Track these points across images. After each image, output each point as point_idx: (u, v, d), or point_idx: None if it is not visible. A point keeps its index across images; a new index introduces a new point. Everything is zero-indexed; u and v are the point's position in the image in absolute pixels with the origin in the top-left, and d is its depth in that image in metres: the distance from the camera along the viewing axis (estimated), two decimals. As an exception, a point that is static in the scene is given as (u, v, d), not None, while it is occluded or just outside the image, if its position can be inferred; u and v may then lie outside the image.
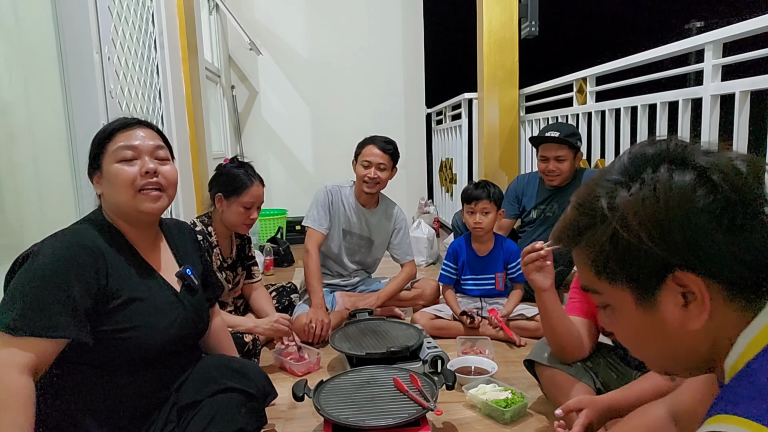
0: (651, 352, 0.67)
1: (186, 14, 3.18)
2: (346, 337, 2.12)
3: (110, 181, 1.23)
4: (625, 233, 0.59)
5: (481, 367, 1.99)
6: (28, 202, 1.89)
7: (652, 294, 0.60)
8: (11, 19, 1.83)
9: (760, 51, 1.83)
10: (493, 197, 2.39)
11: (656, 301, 0.61)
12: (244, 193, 2.12)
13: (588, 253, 0.64)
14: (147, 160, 1.25)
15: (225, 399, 1.26)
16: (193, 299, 1.37)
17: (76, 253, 1.14)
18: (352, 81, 5.24)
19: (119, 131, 1.26)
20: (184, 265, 1.38)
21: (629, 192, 0.60)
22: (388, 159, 2.57)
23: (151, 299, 1.25)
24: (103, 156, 1.25)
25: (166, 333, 1.25)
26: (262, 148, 5.25)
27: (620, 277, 0.62)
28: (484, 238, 2.48)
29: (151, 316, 1.23)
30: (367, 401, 1.56)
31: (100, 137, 1.27)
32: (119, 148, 1.23)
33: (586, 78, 3.11)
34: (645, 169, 0.60)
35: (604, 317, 0.69)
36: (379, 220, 2.74)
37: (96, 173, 1.27)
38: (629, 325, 0.65)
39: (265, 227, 4.52)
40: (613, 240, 0.60)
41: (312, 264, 2.49)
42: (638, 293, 0.62)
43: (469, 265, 2.52)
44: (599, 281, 0.65)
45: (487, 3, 3.76)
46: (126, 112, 2.23)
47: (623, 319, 0.65)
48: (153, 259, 1.33)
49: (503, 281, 2.51)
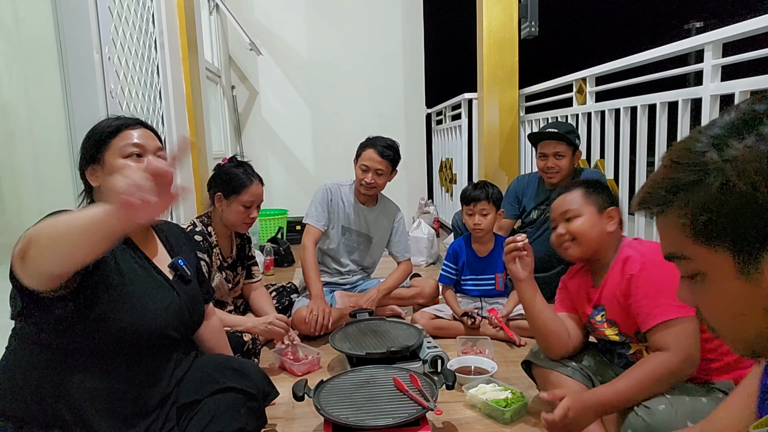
0: (747, 330, 0.59)
1: (186, 14, 3.18)
2: (346, 337, 2.12)
3: (113, 173, 1.23)
4: (742, 183, 0.53)
5: (481, 367, 1.99)
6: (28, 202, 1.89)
7: (756, 259, 0.54)
8: (11, 19, 1.83)
9: (760, 51, 1.83)
10: (491, 198, 2.39)
11: (761, 267, 0.54)
12: (244, 192, 2.12)
13: (686, 212, 0.57)
14: (152, 159, 1.29)
15: (225, 399, 1.26)
16: (187, 288, 1.38)
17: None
18: (352, 81, 5.24)
19: (125, 128, 1.29)
20: (176, 257, 1.40)
21: (743, 144, 0.54)
22: (387, 165, 2.55)
23: (144, 282, 1.27)
24: (106, 150, 1.27)
25: (160, 317, 1.26)
26: (262, 148, 5.25)
27: (723, 238, 0.55)
28: (484, 239, 2.48)
29: (143, 298, 1.24)
30: (367, 401, 1.56)
31: (104, 132, 1.29)
32: (127, 145, 1.27)
33: (586, 78, 3.11)
34: (760, 123, 0.54)
35: (688, 290, 0.62)
36: (378, 218, 2.75)
37: (92, 166, 1.29)
38: (725, 297, 0.58)
39: (265, 227, 4.53)
40: (724, 192, 0.54)
41: (309, 257, 2.51)
42: (741, 258, 0.55)
43: (469, 265, 2.52)
44: (694, 245, 0.58)
45: (487, 3, 3.76)
46: (126, 112, 2.23)
47: (718, 289, 0.58)
48: (146, 248, 1.35)
49: (503, 281, 2.52)
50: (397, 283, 2.69)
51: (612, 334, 1.49)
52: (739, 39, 1.96)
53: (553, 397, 1.31)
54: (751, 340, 0.60)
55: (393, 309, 2.75)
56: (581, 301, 1.58)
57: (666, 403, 1.27)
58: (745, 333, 0.60)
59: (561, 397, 1.30)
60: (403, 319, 2.65)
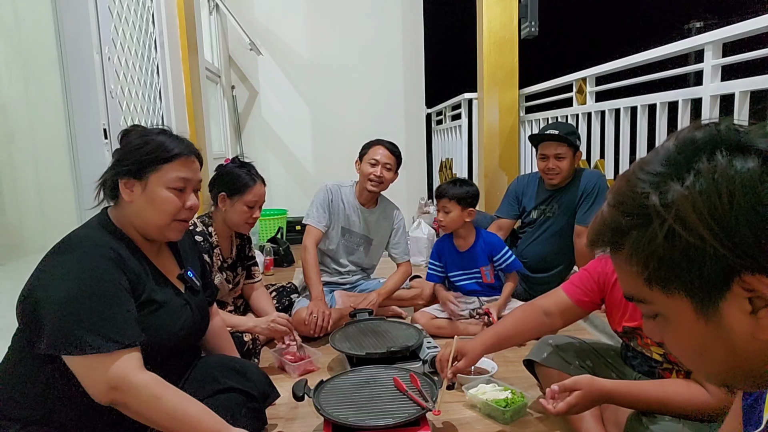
0: (713, 366, 0.58)
1: (186, 14, 3.18)
2: (346, 337, 2.12)
3: (154, 201, 1.23)
4: (685, 233, 0.51)
5: (481, 367, 1.99)
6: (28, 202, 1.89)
7: (714, 301, 0.53)
8: (11, 19, 1.83)
9: (760, 51, 1.83)
10: (455, 197, 2.38)
11: (719, 308, 0.53)
12: (248, 192, 2.14)
13: (636, 259, 0.55)
14: (192, 196, 1.28)
15: (225, 399, 1.27)
16: (197, 300, 1.38)
17: (104, 263, 1.14)
18: (352, 81, 5.24)
19: (181, 156, 1.26)
20: (185, 268, 1.39)
21: (683, 185, 0.51)
22: (395, 160, 2.63)
23: (167, 303, 1.26)
24: (154, 172, 1.23)
25: (176, 335, 1.26)
26: (262, 148, 5.25)
27: (677, 285, 0.54)
28: (461, 234, 2.48)
29: (166, 319, 1.24)
30: (367, 401, 1.56)
31: (158, 153, 1.24)
32: (178, 178, 1.24)
33: (586, 78, 3.12)
34: (698, 158, 0.52)
35: (653, 327, 0.61)
36: (378, 219, 2.76)
37: (132, 180, 1.23)
38: (687, 337, 0.57)
39: (265, 227, 4.52)
40: (670, 241, 0.52)
41: (310, 258, 2.51)
42: (698, 302, 0.53)
43: (453, 261, 2.53)
44: (650, 290, 0.56)
45: (487, 3, 3.76)
46: (126, 112, 2.23)
47: (679, 330, 0.57)
48: (160, 263, 1.33)
49: (491, 274, 2.51)
50: (397, 285, 2.69)
51: (657, 353, 1.45)
52: (739, 39, 1.96)
53: (563, 388, 1.30)
54: (720, 375, 0.59)
55: (394, 310, 2.74)
56: (635, 311, 1.47)
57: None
58: (712, 370, 0.59)
59: (570, 389, 1.29)
60: (405, 318, 2.65)
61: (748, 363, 0.56)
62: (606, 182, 2.65)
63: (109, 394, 1.08)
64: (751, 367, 0.56)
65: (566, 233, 2.67)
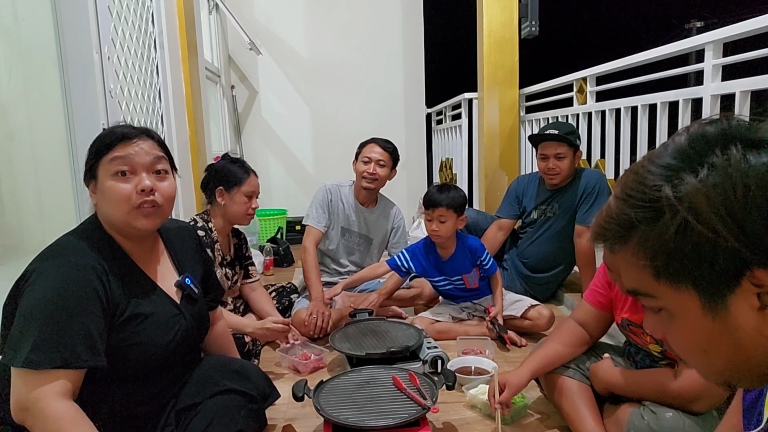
0: (717, 363, 0.58)
1: (186, 14, 3.18)
2: (346, 337, 2.12)
3: (105, 195, 1.18)
4: (698, 226, 0.50)
5: (481, 367, 1.99)
6: (28, 202, 1.89)
7: (723, 297, 0.53)
8: (11, 19, 1.83)
9: (760, 51, 1.83)
10: (451, 205, 2.26)
11: (727, 304, 0.53)
12: (245, 183, 2.18)
13: (644, 252, 0.55)
14: (144, 176, 1.19)
15: (224, 400, 1.26)
16: (194, 309, 1.35)
17: (82, 275, 1.10)
18: (352, 81, 5.24)
19: (119, 143, 1.19)
20: (183, 274, 1.35)
21: (697, 178, 0.51)
22: (388, 157, 2.61)
23: (154, 314, 1.22)
24: (98, 167, 1.19)
25: (166, 348, 1.23)
26: (262, 148, 5.25)
27: (686, 278, 0.53)
28: (445, 244, 2.38)
29: (154, 331, 1.21)
30: (367, 401, 1.56)
31: (98, 146, 1.20)
32: (115, 161, 1.17)
33: (586, 78, 3.11)
34: (711, 152, 0.52)
35: (655, 322, 0.60)
36: (378, 218, 2.75)
37: (92, 182, 1.21)
38: (692, 333, 0.56)
39: (265, 227, 4.52)
40: (682, 234, 0.51)
41: (310, 259, 2.51)
42: (707, 296, 0.53)
43: (437, 267, 2.43)
44: (657, 283, 0.55)
45: (487, 3, 3.76)
46: (126, 112, 2.23)
47: (684, 326, 0.57)
48: (151, 269, 1.29)
49: (473, 279, 2.42)
50: (396, 285, 2.68)
51: (655, 350, 1.46)
52: (740, 39, 1.96)
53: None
54: (723, 372, 0.59)
55: (394, 310, 2.74)
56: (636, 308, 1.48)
57: (674, 411, 1.26)
58: (715, 366, 0.59)
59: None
60: (405, 318, 2.64)
61: (751, 360, 0.56)
62: (606, 182, 2.65)
63: (19, 414, 1.03)
64: (754, 364, 0.56)
65: (567, 233, 2.66)
